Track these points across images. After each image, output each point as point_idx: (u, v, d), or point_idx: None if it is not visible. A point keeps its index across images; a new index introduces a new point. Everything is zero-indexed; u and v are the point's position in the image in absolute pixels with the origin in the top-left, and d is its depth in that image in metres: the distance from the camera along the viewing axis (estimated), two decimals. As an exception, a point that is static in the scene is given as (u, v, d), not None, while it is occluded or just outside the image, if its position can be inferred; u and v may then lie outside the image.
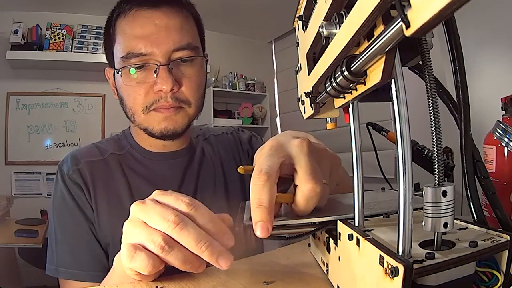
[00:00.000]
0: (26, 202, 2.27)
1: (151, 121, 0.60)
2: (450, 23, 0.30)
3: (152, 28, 0.57)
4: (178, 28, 0.59)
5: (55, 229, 0.60)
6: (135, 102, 0.60)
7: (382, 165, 0.66)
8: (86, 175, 0.62)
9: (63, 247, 0.59)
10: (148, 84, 0.58)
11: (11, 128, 2.32)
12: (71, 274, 0.56)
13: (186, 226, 0.33)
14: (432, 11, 0.14)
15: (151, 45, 0.57)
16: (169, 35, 0.58)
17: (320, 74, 0.31)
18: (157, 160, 0.67)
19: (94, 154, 0.66)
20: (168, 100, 0.58)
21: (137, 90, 0.59)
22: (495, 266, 0.26)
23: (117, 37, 0.60)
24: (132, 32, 0.58)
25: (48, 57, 2.27)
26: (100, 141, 0.72)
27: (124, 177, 0.64)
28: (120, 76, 0.60)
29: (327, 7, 0.27)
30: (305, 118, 0.42)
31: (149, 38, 0.57)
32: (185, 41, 0.59)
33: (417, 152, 0.53)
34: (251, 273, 0.41)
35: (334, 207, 0.44)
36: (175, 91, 0.58)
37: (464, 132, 0.32)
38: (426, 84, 0.24)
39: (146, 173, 0.66)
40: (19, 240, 1.69)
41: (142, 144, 0.68)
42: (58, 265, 0.57)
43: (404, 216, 0.23)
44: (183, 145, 0.70)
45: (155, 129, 0.60)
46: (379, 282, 0.24)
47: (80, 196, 0.60)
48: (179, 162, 0.68)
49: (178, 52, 0.59)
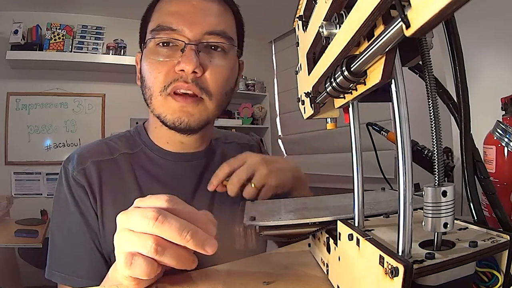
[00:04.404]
0: (26, 202, 2.27)
1: (166, 107, 0.56)
2: (450, 23, 0.30)
3: (188, 7, 0.55)
4: (216, 14, 0.57)
5: (54, 231, 0.58)
6: (155, 81, 0.56)
7: (382, 165, 0.66)
8: (92, 177, 0.58)
9: (60, 250, 0.57)
10: (172, 62, 0.55)
11: (11, 128, 2.31)
12: (64, 279, 0.54)
13: (166, 218, 0.33)
14: (432, 11, 0.14)
15: (183, 22, 0.54)
16: (204, 17, 0.56)
17: (320, 74, 0.31)
18: (172, 161, 0.63)
19: (103, 152, 0.61)
20: (187, 81, 0.54)
21: (159, 67, 0.55)
22: (495, 266, 0.26)
23: (152, 16, 0.59)
24: (167, 8, 0.56)
25: (48, 57, 2.26)
26: (110, 137, 0.67)
27: (135, 179, 0.60)
28: (145, 50, 0.57)
29: (327, 7, 0.27)
30: (305, 118, 0.42)
31: (183, 15, 0.55)
32: (220, 27, 0.57)
33: (417, 152, 0.53)
34: (251, 273, 0.41)
35: (334, 207, 0.44)
36: (197, 75, 0.54)
37: (464, 132, 0.32)
38: (426, 84, 0.24)
39: (160, 174, 0.62)
40: (19, 240, 1.69)
41: (157, 142, 0.63)
42: (52, 267, 0.56)
43: (404, 216, 0.23)
44: (202, 147, 0.66)
45: (168, 118, 0.56)
46: (379, 282, 0.24)
47: (83, 200, 0.57)
48: (196, 164, 0.64)
49: (210, 36, 0.56)
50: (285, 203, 0.51)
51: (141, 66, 0.60)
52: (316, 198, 0.53)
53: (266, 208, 0.47)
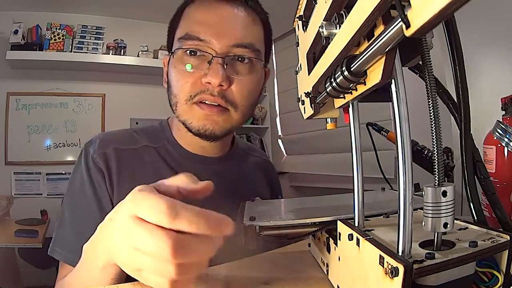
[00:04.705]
0: (26, 202, 2.27)
1: (191, 115, 0.57)
2: (450, 23, 0.30)
3: (216, 18, 0.56)
4: (244, 25, 0.57)
5: (65, 209, 0.58)
6: (181, 90, 0.57)
7: (382, 165, 0.66)
8: (112, 162, 0.58)
9: (66, 229, 0.56)
10: (199, 73, 0.55)
11: (11, 128, 2.31)
12: (65, 257, 0.54)
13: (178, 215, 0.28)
14: (432, 11, 0.14)
15: (211, 34, 0.55)
16: (232, 29, 0.56)
17: (320, 74, 0.31)
18: (192, 162, 0.63)
19: (126, 141, 0.62)
20: (214, 94, 0.55)
21: (186, 77, 0.56)
22: (495, 266, 0.26)
23: (181, 22, 0.60)
24: (195, 17, 0.57)
25: (48, 57, 2.26)
26: (134, 128, 0.68)
27: (155, 171, 0.59)
28: (172, 58, 0.58)
29: (327, 7, 0.27)
30: (305, 118, 0.42)
31: (211, 26, 0.55)
32: (247, 40, 0.57)
33: (417, 152, 0.53)
34: (251, 273, 0.41)
35: (334, 207, 0.44)
36: (223, 88, 0.55)
37: (464, 132, 0.32)
38: (426, 84, 0.24)
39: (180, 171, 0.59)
40: (19, 240, 1.68)
41: (180, 142, 0.64)
42: (56, 244, 0.55)
43: (404, 216, 0.23)
44: (221, 153, 0.67)
45: (193, 125, 0.57)
46: (379, 282, 0.24)
47: (100, 183, 0.57)
48: (213, 169, 0.64)
49: (237, 48, 0.56)
50: (285, 203, 0.51)
51: (168, 70, 0.61)
52: (316, 198, 0.53)
53: (266, 208, 0.47)
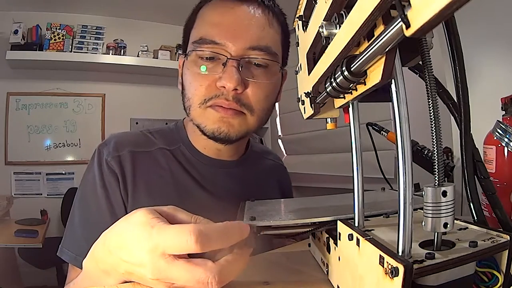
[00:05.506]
0: (26, 202, 2.27)
1: (206, 118, 0.56)
2: (450, 23, 0.30)
3: (231, 19, 0.54)
4: (260, 27, 0.55)
5: (75, 210, 0.57)
6: (195, 93, 0.55)
7: (382, 165, 0.66)
8: (127, 165, 0.57)
9: (76, 230, 0.55)
10: (213, 77, 0.54)
11: (11, 128, 2.31)
12: (74, 259, 0.53)
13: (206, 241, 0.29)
14: (432, 11, 0.14)
15: (226, 36, 0.53)
16: (248, 31, 0.54)
17: (320, 74, 0.31)
18: (208, 165, 0.63)
19: (141, 144, 0.61)
20: (228, 98, 0.53)
21: (200, 80, 0.55)
22: (495, 266, 0.26)
23: (196, 23, 0.58)
24: (210, 18, 0.56)
25: (48, 57, 2.26)
26: (149, 130, 0.66)
27: (170, 174, 0.59)
28: (187, 60, 0.57)
29: (327, 7, 0.27)
30: (305, 118, 0.42)
31: (226, 28, 0.53)
32: (264, 42, 0.55)
33: (417, 152, 0.53)
34: (251, 273, 0.41)
35: (334, 207, 0.44)
36: (238, 92, 0.53)
37: (464, 132, 0.32)
38: (426, 84, 0.24)
39: (195, 173, 0.61)
40: (19, 240, 1.68)
41: (195, 145, 0.64)
42: (65, 245, 0.54)
43: (404, 216, 0.23)
44: (236, 156, 0.67)
45: (208, 128, 0.56)
46: (379, 282, 0.24)
47: (113, 186, 0.56)
48: (228, 172, 0.64)
49: (253, 51, 0.54)
50: (285, 203, 0.51)
51: (182, 72, 0.60)
52: (316, 198, 0.53)
53: (266, 208, 0.47)
